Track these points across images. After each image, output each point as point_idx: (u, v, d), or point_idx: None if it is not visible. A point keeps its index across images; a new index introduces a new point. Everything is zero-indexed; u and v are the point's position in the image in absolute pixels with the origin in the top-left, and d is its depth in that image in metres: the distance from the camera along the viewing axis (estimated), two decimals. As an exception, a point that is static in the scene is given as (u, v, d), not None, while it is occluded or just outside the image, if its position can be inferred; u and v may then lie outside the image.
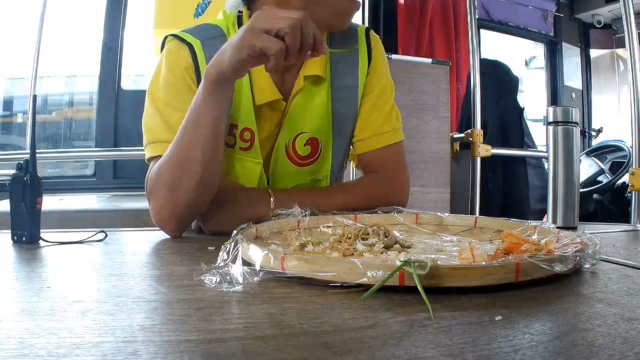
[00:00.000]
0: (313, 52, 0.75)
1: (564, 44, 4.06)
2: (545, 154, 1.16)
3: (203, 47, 0.92)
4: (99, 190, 2.66)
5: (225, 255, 0.56)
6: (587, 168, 3.23)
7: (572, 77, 4.11)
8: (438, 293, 0.47)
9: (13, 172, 0.74)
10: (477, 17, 2.45)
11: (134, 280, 0.54)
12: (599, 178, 3.19)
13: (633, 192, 2.06)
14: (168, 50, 0.93)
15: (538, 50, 4.20)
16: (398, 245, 0.67)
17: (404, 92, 2.19)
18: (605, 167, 3.24)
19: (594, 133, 3.96)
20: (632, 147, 2.13)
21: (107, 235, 0.80)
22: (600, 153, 3.39)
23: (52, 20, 2.54)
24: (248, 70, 0.84)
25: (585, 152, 3.43)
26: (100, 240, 0.79)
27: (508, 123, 2.78)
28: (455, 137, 2.44)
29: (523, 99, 3.63)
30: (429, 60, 2.35)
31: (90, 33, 2.89)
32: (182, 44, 0.93)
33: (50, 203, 1.98)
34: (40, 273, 0.59)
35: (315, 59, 0.94)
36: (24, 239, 0.74)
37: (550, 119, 1.12)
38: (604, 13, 3.92)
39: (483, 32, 3.65)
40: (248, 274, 0.52)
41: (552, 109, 1.13)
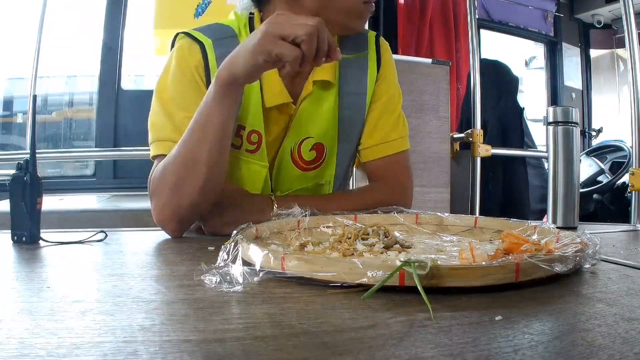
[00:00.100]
0: (327, 58, 0.75)
1: (564, 44, 4.06)
2: (545, 154, 1.16)
3: (214, 46, 0.92)
4: (99, 190, 2.66)
5: (225, 255, 0.56)
6: (587, 168, 3.23)
7: (572, 77, 4.12)
8: (438, 293, 0.47)
9: (13, 172, 0.74)
10: (477, 17, 2.45)
11: (134, 280, 0.54)
12: (599, 178, 3.19)
13: (633, 192, 2.06)
14: (179, 47, 0.93)
15: (538, 50, 4.20)
16: (398, 246, 0.67)
17: (404, 92, 2.16)
18: (605, 167, 3.24)
19: (594, 133, 3.96)
20: (632, 147, 2.12)
21: (107, 236, 0.80)
22: (600, 153, 3.39)
23: (52, 20, 2.54)
24: (261, 75, 0.84)
25: (585, 152, 3.43)
26: (100, 241, 0.79)
27: (508, 123, 2.78)
28: (455, 137, 2.44)
29: (523, 99, 3.63)
30: (429, 60, 2.35)
31: (90, 33, 2.89)
32: (193, 42, 0.92)
33: (50, 203, 1.98)
34: (40, 273, 0.59)
35: (325, 64, 0.94)
36: (24, 239, 0.74)
37: (550, 119, 1.13)
38: (604, 13, 3.92)
39: (483, 32, 3.65)
40: (248, 274, 0.52)
41: (552, 109, 1.13)
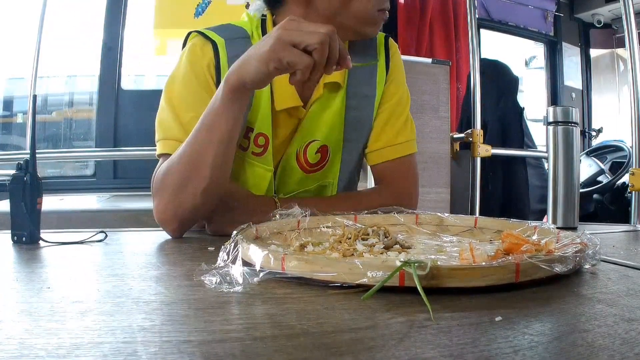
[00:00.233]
0: (337, 66, 0.74)
1: (564, 44, 4.06)
2: (545, 154, 1.16)
3: (226, 46, 0.91)
4: (99, 191, 2.66)
5: (225, 256, 0.56)
6: (587, 168, 3.23)
7: (572, 77, 4.12)
8: (438, 293, 0.47)
9: (13, 172, 0.74)
10: (477, 17, 2.45)
11: (134, 281, 0.54)
12: (599, 178, 3.19)
13: (633, 192, 2.06)
14: (192, 46, 0.93)
15: (538, 50, 4.20)
16: (398, 246, 0.67)
17: (404, 92, 2.19)
18: (605, 167, 3.24)
19: (594, 133, 3.96)
20: (632, 147, 2.13)
21: (107, 236, 0.80)
22: (600, 153, 3.39)
23: (52, 20, 2.54)
24: (270, 81, 0.83)
25: (585, 152, 3.43)
26: (100, 241, 0.79)
27: (508, 123, 2.77)
28: (455, 137, 2.44)
29: (523, 99, 3.62)
30: (429, 60, 2.35)
31: (90, 33, 2.89)
32: (206, 41, 0.92)
33: (50, 203, 1.98)
34: (40, 273, 0.59)
35: None
36: (24, 239, 0.74)
37: (550, 119, 1.13)
38: (604, 13, 3.92)
39: (483, 32, 3.66)
40: (248, 275, 0.51)
41: (552, 109, 1.13)
